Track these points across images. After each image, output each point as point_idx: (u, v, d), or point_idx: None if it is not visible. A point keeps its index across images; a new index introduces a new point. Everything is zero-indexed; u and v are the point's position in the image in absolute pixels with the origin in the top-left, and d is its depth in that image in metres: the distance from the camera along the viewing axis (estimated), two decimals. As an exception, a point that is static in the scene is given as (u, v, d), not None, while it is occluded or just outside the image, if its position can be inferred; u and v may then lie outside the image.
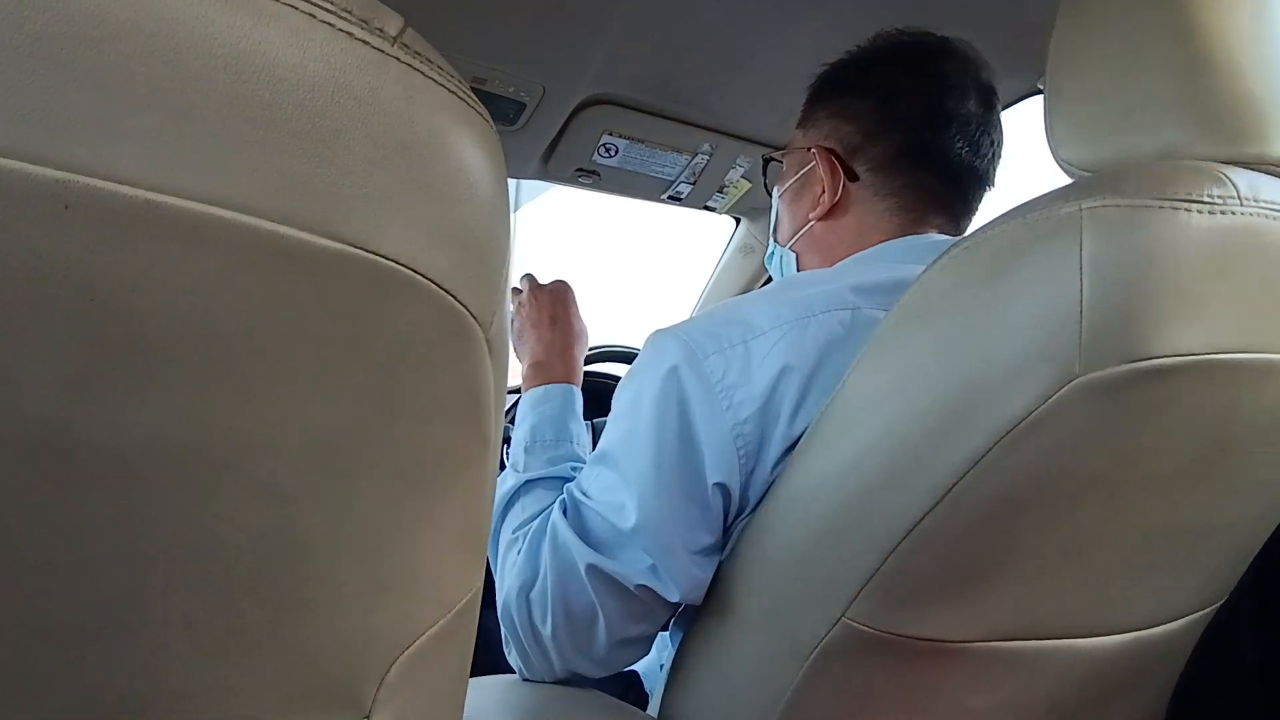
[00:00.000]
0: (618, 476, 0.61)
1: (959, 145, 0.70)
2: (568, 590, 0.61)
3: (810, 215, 0.75)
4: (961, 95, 0.70)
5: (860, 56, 0.75)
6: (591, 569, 0.60)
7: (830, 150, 0.73)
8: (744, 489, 0.59)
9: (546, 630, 0.62)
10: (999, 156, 0.74)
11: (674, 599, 0.60)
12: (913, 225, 0.72)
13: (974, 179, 0.72)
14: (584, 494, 0.63)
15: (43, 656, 0.25)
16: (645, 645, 0.66)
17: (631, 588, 0.60)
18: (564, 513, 0.64)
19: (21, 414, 0.21)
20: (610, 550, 0.60)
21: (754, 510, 0.60)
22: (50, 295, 0.20)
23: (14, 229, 0.19)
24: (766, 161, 0.86)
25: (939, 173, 0.71)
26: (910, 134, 0.70)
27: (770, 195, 0.84)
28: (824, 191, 0.73)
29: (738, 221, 1.66)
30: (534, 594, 0.63)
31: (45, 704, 0.26)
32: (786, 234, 0.80)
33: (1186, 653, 0.65)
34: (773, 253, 0.83)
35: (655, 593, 0.60)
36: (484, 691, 0.65)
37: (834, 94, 0.75)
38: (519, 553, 0.66)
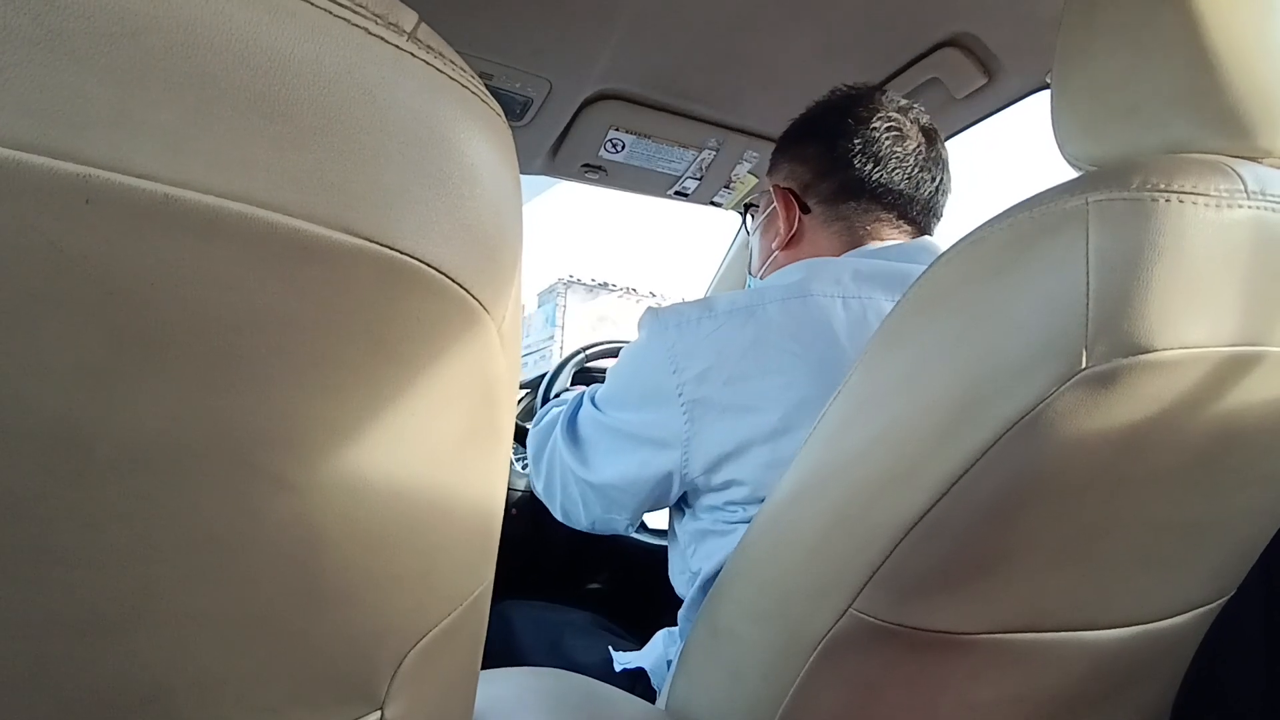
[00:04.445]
0: (598, 431, 0.79)
1: (899, 179, 0.81)
2: (567, 495, 0.85)
3: (773, 246, 0.87)
4: (900, 137, 0.81)
5: (813, 110, 0.87)
6: (581, 483, 0.81)
7: (788, 190, 0.85)
8: (687, 446, 0.71)
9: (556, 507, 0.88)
10: (946, 190, 0.85)
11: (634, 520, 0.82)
12: (860, 242, 0.82)
13: (918, 208, 0.82)
14: (577, 434, 0.82)
15: (61, 648, 0.26)
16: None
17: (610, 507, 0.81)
18: (565, 433, 0.83)
19: (41, 406, 0.22)
20: (592, 493, 0.81)
21: (706, 473, 0.71)
22: (70, 288, 0.21)
23: (35, 223, 0.20)
24: (746, 209, 0.99)
25: (881, 201, 0.81)
26: (852, 170, 0.81)
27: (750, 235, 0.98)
28: (783, 223, 0.85)
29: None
30: (542, 490, 0.89)
31: (63, 695, 0.27)
32: (757, 265, 0.93)
33: (1194, 646, 0.65)
34: (749, 285, 0.92)
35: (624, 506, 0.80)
36: (496, 683, 0.65)
37: (792, 142, 0.87)
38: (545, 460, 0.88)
